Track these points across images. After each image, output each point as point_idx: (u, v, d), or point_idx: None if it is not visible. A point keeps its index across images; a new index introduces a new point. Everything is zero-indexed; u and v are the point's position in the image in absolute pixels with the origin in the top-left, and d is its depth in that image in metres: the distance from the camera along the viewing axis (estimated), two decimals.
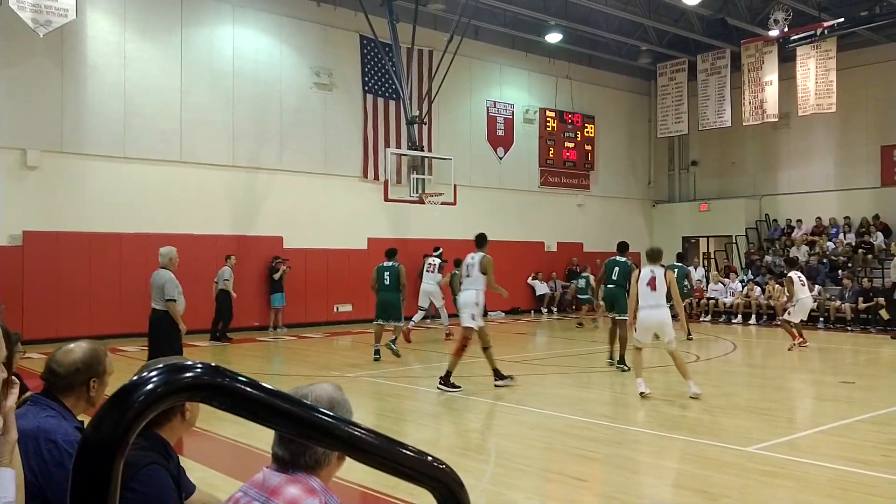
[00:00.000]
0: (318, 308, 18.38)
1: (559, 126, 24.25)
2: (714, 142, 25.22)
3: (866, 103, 21.93)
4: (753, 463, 6.15)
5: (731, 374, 11.85)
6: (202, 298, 16.55)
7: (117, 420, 1.01)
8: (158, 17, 16.55)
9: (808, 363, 12.58)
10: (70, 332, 12.58)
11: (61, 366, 2.76)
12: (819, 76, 20.31)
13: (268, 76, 18.09)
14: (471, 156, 21.64)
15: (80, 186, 15.44)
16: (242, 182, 17.66)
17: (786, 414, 8.62)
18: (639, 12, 20.76)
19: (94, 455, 0.99)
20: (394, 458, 1.38)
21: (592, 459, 6.63)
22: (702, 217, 25.39)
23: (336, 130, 19.15)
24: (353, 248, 18.92)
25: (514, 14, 20.67)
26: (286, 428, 1.29)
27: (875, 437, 7.16)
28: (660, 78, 24.48)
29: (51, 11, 13.95)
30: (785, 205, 24.03)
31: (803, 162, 23.56)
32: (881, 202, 21.78)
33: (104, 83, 15.79)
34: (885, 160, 21.88)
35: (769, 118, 21.33)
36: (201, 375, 1.09)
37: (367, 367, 11.81)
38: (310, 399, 2.02)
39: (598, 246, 24.79)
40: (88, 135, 15.57)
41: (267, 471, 1.97)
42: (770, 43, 20.86)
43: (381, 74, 19.63)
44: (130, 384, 1.06)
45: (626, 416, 8.12)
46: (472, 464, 6.24)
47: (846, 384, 10.46)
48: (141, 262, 15.93)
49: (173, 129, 16.64)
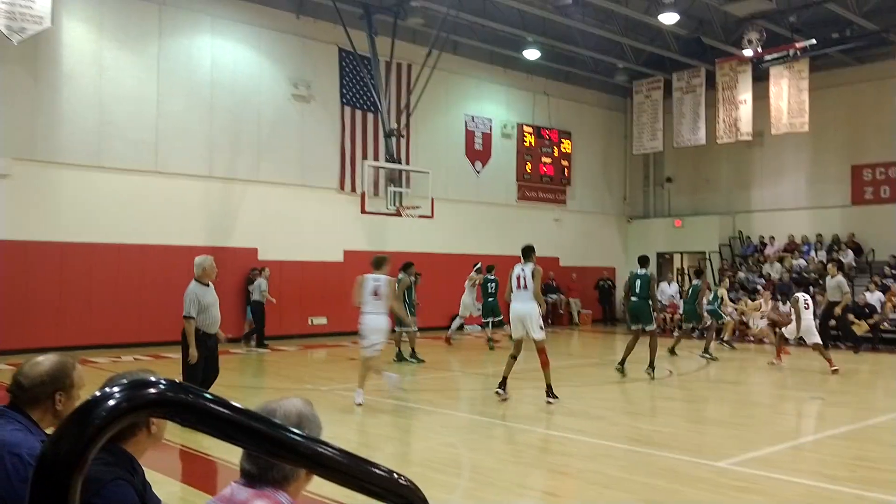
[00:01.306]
0: (293, 320, 18.27)
1: (536, 141, 24.41)
2: (688, 159, 25.51)
3: (837, 123, 22.33)
4: (725, 478, 6.20)
5: (704, 389, 11.94)
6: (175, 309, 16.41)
7: (78, 435, 1.00)
8: (135, 27, 16.45)
9: (779, 378, 12.73)
10: (40, 343, 12.40)
11: (27, 378, 2.73)
12: (792, 96, 20.66)
13: (245, 87, 18.04)
14: (448, 169, 21.70)
15: (52, 195, 15.26)
16: (218, 193, 17.56)
17: (757, 429, 8.70)
18: (615, 30, 21.01)
19: (52, 471, 0.98)
20: (358, 474, 1.39)
21: (564, 474, 6.65)
22: (676, 233, 25.66)
23: (313, 142, 19.12)
24: (330, 261, 18.86)
25: (492, 30, 20.82)
26: (250, 445, 1.29)
27: (843, 452, 7.25)
28: (636, 95, 24.74)
29: (25, 18, 13.81)
30: (758, 222, 24.35)
31: (776, 180, 23.91)
32: (851, 221, 22.15)
33: (79, 91, 15.65)
34: (856, 179, 22.27)
35: (743, 136, 21.63)
36: (165, 391, 1.09)
37: (342, 380, 11.76)
38: (278, 414, 2.02)
39: (573, 260, 24.95)
40: (62, 143, 15.41)
41: (235, 485, 1.97)
42: (744, 62, 21.19)
43: (360, 87, 19.66)
44: (93, 399, 1.05)
45: (598, 431, 8.15)
46: (444, 478, 6.22)
47: (816, 399, 10.59)
48: (112, 272, 15.80)
49: (149, 139, 16.52)
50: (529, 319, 9.61)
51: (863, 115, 22.00)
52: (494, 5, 19.36)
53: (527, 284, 9.63)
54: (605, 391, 11.34)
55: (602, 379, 12.57)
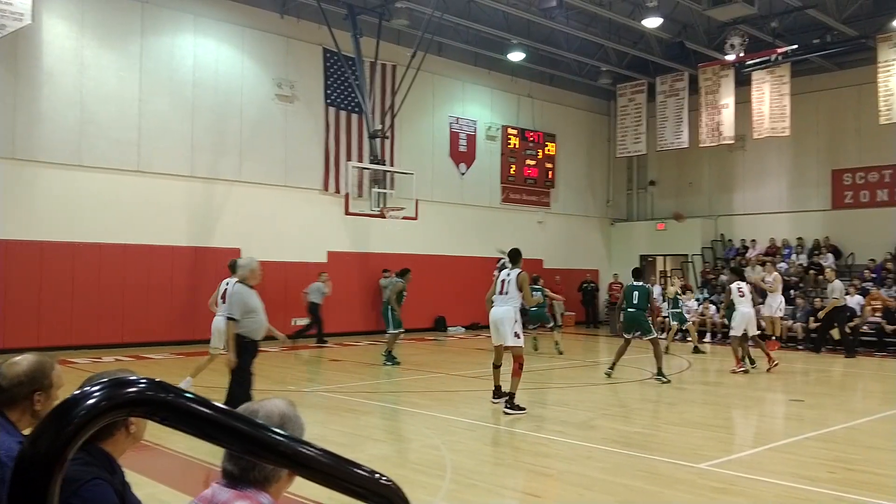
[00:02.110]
0: (275, 321, 18.11)
1: (521, 143, 24.47)
2: (671, 162, 25.68)
3: (818, 128, 22.57)
4: (705, 479, 6.24)
5: (685, 391, 12.01)
6: (158, 308, 16.31)
7: (57, 434, 1.00)
8: (117, 25, 16.32)
9: (759, 381, 12.82)
10: (19, 343, 12.29)
11: (5, 378, 2.70)
12: (773, 100, 20.86)
13: (228, 87, 17.95)
14: (433, 171, 21.70)
15: (31, 194, 15.11)
16: (200, 193, 17.45)
17: (737, 431, 8.77)
18: (599, 34, 21.11)
19: (31, 470, 0.98)
20: (340, 475, 1.38)
21: (546, 475, 6.67)
22: (659, 235, 25.80)
23: (297, 142, 19.06)
24: (313, 262, 18.80)
25: (477, 32, 20.86)
26: (231, 445, 1.28)
27: (822, 454, 7.32)
28: (619, 98, 24.87)
29: (5, 15, 13.67)
30: (740, 225, 24.54)
31: (758, 183, 24.12)
32: (831, 224, 22.38)
33: (60, 90, 15.51)
34: (836, 183, 22.50)
35: (725, 140, 21.80)
36: (145, 390, 1.08)
37: (323, 381, 11.72)
38: (260, 414, 2.01)
39: (557, 262, 25.02)
40: (42, 142, 15.26)
41: (216, 486, 1.95)
42: (727, 67, 21.36)
43: (344, 88, 19.62)
44: (72, 398, 1.04)
45: (579, 433, 8.17)
46: (427, 479, 6.22)
47: (796, 402, 10.68)
48: (93, 272, 15.67)
49: (130, 139, 16.39)
50: (503, 324, 9.35)
51: (843, 120, 22.26)
52: (479, 7, 19.40)
53: (508, 290, 9.40)
54: (588, 393, 11.39)
55: (585, 380, 12.62)
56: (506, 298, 9.41)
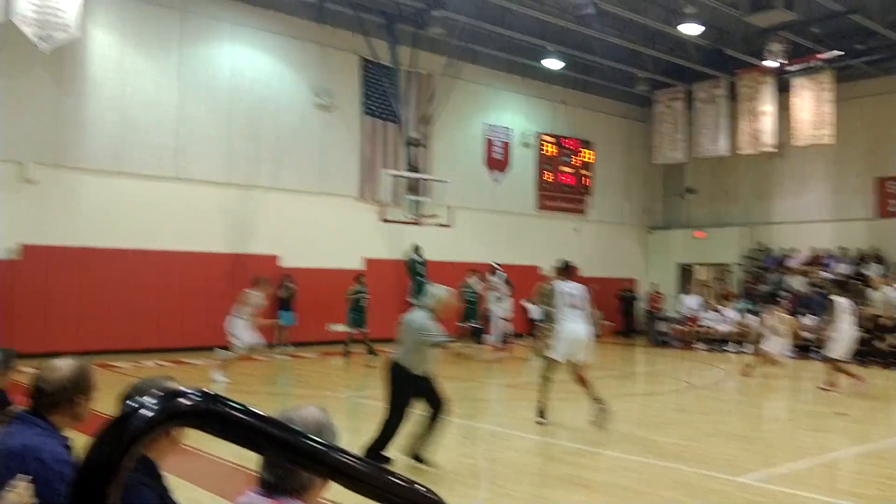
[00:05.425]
0: (312, 327, 18.32)
1: (557, 150, 24.38)
2: (707, 169, 25.35)
3: (861, 135, 22.10)
4: (743, 493, 6.14)
5: (722, 401, 11.83)
6: (196, 313, 16.53)
7: (116, 444, 1.04)
8: (156, 33, 16.65)
9: (801, 393, 12.56)
10: (60, 347, 12.53)
11: (49, 384, 2.77)
12: (815, 107, 20.49)
13: (265, 94, 18.18)
14: (467, 178, 21.70)
15: (75, 201, 15.44)
16: (237, 199, 17.68)
17: (777, 443, 8.61)
18: (636, 40, 20.95)
19: (92, 477, 1.02)
20: (380, 485, 1.39)
21: (584, 486, 6.61)
22: (696, 244, 25.48)
23: (333, 150, 19.22)
24: (349, 269, 18.90)
25: (510, 39, 20.85)
26: (278, 454, 1.30)
27: (870, 469, 7.14)
28: (656, 105, 24.62)
29: (53, 26, 13.99)
30: (778, 234, 24.13)
31: (797, 192, 23.70)
32: (876, 233, 21.89)
33: (102, 97, 15.85)
34: (881, 192, 22.02)
35: (765, 148, 21.47)
36: (199, 403, 1.11)
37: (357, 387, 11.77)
38: (296, 423, 2.03)
39: (593, 271, 24.76)
40: (85, 149, 15.60)
41: (252, 494, 1.98)
42: (766, 73, 21.05)
43: (380, 96, 19.74)
44: (129, 409, 1.08)
45: (617, 444, 8.09)
46: (464, 489, 6.21)
47: (840, 415, 10.44)
48: (133, 277, 15.94)
49: (168, 145, 16.69)
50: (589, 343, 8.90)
51: (887, 127, 21.77)
52: (514, 15, 19.39)
53: (583, 306, 8.91)
54: (624, 403, 11.26)
55: (621, 391, 12.49)
56: (583, 315, 8.92)
